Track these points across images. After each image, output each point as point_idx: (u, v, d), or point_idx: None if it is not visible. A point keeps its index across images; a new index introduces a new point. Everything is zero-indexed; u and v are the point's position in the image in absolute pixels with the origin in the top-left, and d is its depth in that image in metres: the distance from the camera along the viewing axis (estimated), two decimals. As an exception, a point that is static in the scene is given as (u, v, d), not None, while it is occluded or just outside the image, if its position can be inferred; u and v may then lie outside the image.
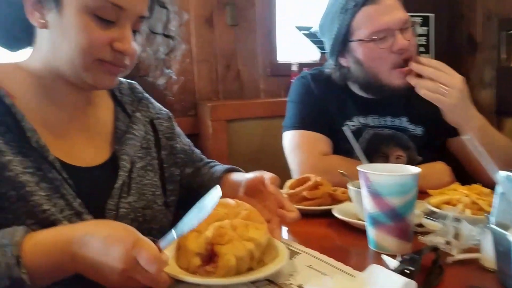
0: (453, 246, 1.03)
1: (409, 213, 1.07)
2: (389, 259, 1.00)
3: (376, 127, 1.81)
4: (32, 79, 1.11)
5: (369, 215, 1.11)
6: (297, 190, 1.43)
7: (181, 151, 1.41)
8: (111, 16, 1.04)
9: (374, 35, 1.66)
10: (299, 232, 1.25)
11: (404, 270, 0.90)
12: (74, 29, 1.03)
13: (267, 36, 3.12)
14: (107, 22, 1.04)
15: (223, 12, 2.96)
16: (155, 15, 1.24)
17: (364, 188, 1.11)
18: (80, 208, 1.06)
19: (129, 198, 1.17)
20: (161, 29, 1.27)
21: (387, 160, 1.78)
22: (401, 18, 1.66)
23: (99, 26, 1.04)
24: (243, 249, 0.92)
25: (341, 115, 1.82)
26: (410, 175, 1.07)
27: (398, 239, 1.08)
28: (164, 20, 1.26)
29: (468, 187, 1.34)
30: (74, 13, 1.02)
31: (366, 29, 1.67)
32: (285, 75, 3.14)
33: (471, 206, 1.25)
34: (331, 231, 1.27)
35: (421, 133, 1.82)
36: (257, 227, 0.97)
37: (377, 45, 1.66)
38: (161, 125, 1.37)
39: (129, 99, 1.32)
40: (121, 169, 1.17)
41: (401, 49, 1.64)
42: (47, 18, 1.05)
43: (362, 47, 1.70)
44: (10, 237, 0.86)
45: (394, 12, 1.66)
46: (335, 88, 1.86)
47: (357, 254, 1.14)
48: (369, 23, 1.66)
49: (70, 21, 1.03)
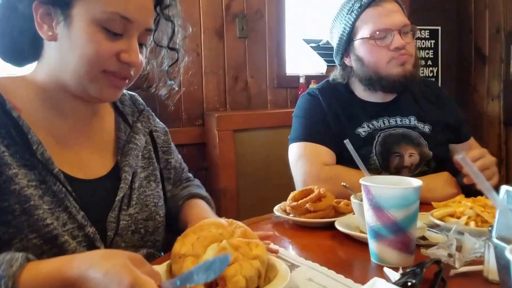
0: (456, 259, 1.02)
1: (411, 226, 1.06)
2: (391, 272, 1.00)
3: (387, 128, 1.86)
4: (37, 91, 1.12)
5: (370, 228, 1.09)
6: (300, 202, 1.42)
7: (173, 168, 1.43)
8: (119, 28, 1.06)
9: (375, 34, 1.80)
10: (302, 244, 1.25)
11: (406, 283, 0.88)
12: (82, 40, 1.04)
13: (275, 48, 3.15)
14: (114, 34, 1.06)
15: (233, 24, 2.99)
16: (160, 28, 1.25)
17: (366, 201, 1.10)
18: (83, 221, 1.06)
19: (130, 210, 1.17)
20: (166, 42, 1.28)
21: (401, 159, 1.82)
22: (400, 21, 1.80)
23: (107, 38, 1.06)
24: (251, 268, 0.89)
25: (351, 123, 1.88)
26: (412, 188, 1.05)
27: (400, 252, 1.06)
28: (170, 33, 1.27)
29: (472, 199, 1.32)
30: (82, 25, 1.04)
31: (367, 29, 1.82)
32: (293, 87, 3.16)
33: (476, 218, 1.23)
34: (334, 244, 1.26)
35: (428, 130, 1.89)
36: (257, 244, 0.95)
37: (377, 43, 1.80)
38: (159, 138, 1.39)
39: (130, 110, 1.34)
40: (123, 181, 1.18)
41: (398, 48, 1.78)
42: (55, 31, 1.07)
43: (363, 45, 1.85)
44: (7, 267, 0.83)
45: (394, 15, 1.81)
46: (343, 96, 1.95)
47: (359, 267, 1.12)
48: (371, 23, 1.81)
49: (78, 32, 1.04)
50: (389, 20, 1.79)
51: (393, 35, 1.78)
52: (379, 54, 1.81)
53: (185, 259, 0.88)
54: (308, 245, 1.23)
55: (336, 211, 1.43)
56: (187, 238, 0.92)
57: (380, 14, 1.81)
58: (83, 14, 1.04)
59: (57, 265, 0.86)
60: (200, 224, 0.97)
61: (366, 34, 1.82)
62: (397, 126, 1.87)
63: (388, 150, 1.82)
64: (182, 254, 0.89)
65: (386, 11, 1.81)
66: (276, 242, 1.25)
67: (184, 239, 0.92)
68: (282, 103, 3.17)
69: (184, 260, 0.88)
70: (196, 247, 0.89)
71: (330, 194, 1.46)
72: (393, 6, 1.83)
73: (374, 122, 1.87)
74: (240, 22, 2.99)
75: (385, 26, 1.79)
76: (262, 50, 3.11)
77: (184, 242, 0.91)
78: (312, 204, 1.40)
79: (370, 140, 1.83)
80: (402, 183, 1.11)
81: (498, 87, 3.39)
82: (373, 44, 1.81)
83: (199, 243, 0.90)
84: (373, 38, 1.80)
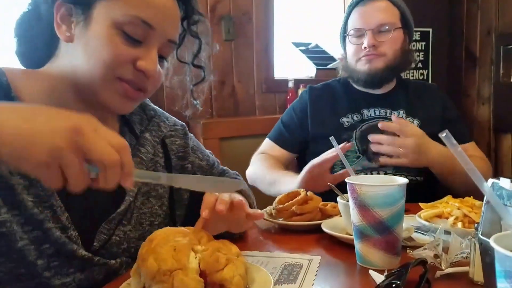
0: (442, 260, 1.00)
1: (397, 225, 1.04)
2: (376, 275, 0.98)
3: (376, 118, 1.98)
4: (45, 89, 1.06)
5: (355, 227, 1.07)
6: (286, 205, 1.39)
7: (196, 169, 1.35)
8: (139, 34, 1.02)
9: (351, 33, 2.00)
10: (288, 248, 1.21)
11: (390, 284, 0.86)
12: (99, 42, 1.00)
13: (264, 51, 3.11)
14: (134, 40, 1.02)
15: (219, 26, 2.95)
16: (185, 44, 1.21)
17: (351, 200, 1.08)
18: (67, 223, 1.00)
19: (128, 226, 1.12)
20: (190, 59, 1.23)
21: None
22: (376, 20, 1.94)
23: (125, 43, 1.01)
24: (242, 266, 0.87)
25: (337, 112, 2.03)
26: (397, 186, 1.03)
27: (386, 253, 1.04)
28: (195, 50, 1.22)
29: (460, 200, 1.31)
30: (101, 26, 1.00)
31: (349, 27, 2.02)
32: (282, 91, 3.12)
33: (463, 219, 1.22)
34: (320, 247, 1.23)
35: (417, 125, 1.96)
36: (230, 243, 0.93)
37: (350, 41, 2.01)
38: (174, 143, 1.31)
39: (138, 118, 1.26)
40: (128, 195, 1.12)
41: (366, 48, 1.94)
42: (73, 32, 1.03)
43: (347, 42, 2.04)
44: None
45: (373, 14, 1.96)
46: (336, 90, 2.13)
47: (345, 270, 1.09)
48: (352, 22, 2.01)
49: (96, 34, 1.00)
50: (364, 19, 1.96)
51: (366, 35, 1.94)
52: (353, 52, 2.01)
53: (175, 274, 0.81)
54: (294, 249, 1.20)
55: (323, 213, 1.41)
56: (160, 254, 0.83)
57: (360, 13, 1.99)
58: (103, 15, 1.00)
59: None
60: (163, 236, 0.89)
61: (348, 32, 2.02)
62: (386, 118, 1.97)
63: (367, 135, 1.85)
64: (167, 271, 0.81)
65: (366, 11, 1.97)
66: (261, 247, 1.24)
67: (157, 256, 0.83)
68: (271, 108, 3.12)
69: (172, 276, 0.80)
70: (180, 259, 0.82)
71: (316, 197, 1.44)
72: (380, 4, 1.98)
73: (365, 111, 2.00)
74: (226, 24, 2.96)
75: (358, 25, 1.97)
76: (250, 54, 3.07)
77: (160, 258, 0.83)
78: (299, 207, 1.37)
79: (353, 127, 1.97)
80: (388, 181, 1.10)
81: (488, 90, 3.36)
82: (351, 42, 2.01)
83: (180, 254, 0.83)
84: (350, 35, 2.00)
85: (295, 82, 3.08)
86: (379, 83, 2.02)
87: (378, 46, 1.94)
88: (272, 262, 1.09)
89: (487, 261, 0.82)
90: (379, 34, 1.95)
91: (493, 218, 0.82)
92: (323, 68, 3.25)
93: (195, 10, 1.18)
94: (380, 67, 1.96)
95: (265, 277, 0.92)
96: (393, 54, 1.96)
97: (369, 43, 1.92)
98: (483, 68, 3.39)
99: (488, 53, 3.33)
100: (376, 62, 1.95)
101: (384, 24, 1.94)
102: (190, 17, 1.18)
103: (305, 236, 1.32)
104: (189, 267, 0.82)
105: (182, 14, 1.15)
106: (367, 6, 1.98)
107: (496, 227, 0.81)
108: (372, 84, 2.01)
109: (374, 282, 0.95)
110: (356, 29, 1.97)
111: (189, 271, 0.81)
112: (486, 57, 3.36)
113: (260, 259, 1.12)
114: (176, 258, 0.82)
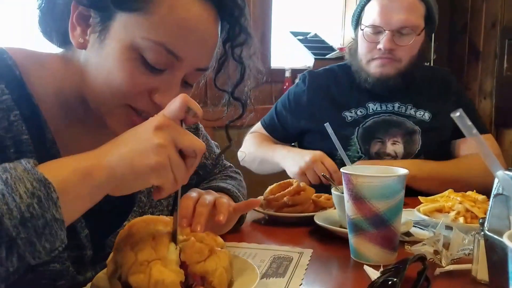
0: (442, 256, 0.95)
1: (394, 219, 0.99)
2: (372, 270, 0.93)
3: (380, 114, 1.84)
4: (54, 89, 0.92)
5: (350, 220, 1.01)
6: (277, 195, 1.33)
7: (199, 168, 1.26)
8: (162, 63, 0.84)
9: (368, 28, 1.77)
10: (279, 240, 1.17)
11: (386, 281, 0.81)
12: (113, 64, 0.84)
13: (261, 40, 3.05)
14: (153, 68, 0.84)
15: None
16: (225, 70, 1.00)
17: (346, 191, 1.02)
18: (85, 241, 0.92)
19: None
20: (229, 88, 1.02)
21: (383, 146, 1.80)
22: (399, 21, 1.71)
23: (143, 70, 0.84)
24: (226, 257, 0.81)
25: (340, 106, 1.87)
26: (395, 177, 0.98)
27: (382, 248, 0.99)
28: (237, 78, 1.00)
29: (462, 194, 1.27)
30: (117, 45, 0.83)
31: (366, 19, 1.79)
32: (278, 81, 3.06)
33: (465, 214, 1.18)
34: (312, 240, 1.18)
35: (428, 118, 1.83)
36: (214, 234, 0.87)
37: (365, 37, 1.78)
38: None
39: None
40: (137, 205, 1.03)
41: (381, 50, 1.74)
42: (87, 37, 0.86)
43: (359, 35, 1.82)
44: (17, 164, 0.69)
45: (395, 12, 1.71)
46: (340, 79, 1.94)
47: (338, 265, 1.04)
48: (370, 14, 1.77)
49: (110, 52, 0.84)
50: (385, 17, 1.72)
51: (384, 34, 1.72)
52: (366, 49, 1.80)
53: (152, 265, 0.74)
54: (285, 241, 1.15)
55: (316, 205, 1.37)
56: (138, 243, 0.78)
57: (382, 8, 1.74)
58: (121, 32, 0.83)
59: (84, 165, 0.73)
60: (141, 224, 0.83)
61: (364, 23, 1.78)
62: (393, 112, 1.84)
63: (370, 134, 1.80)
64: (144, 261, 0.75)
65: (389, 6, 1.72)
66: (249, 239, 1.19)
67: (134, 245, 0.78)
68: (267, 99, 3.06)
69: (150, 267, 0.74)
70: (159, 249, 0.76)
71: (309, 188, 1.39)
72: (401, 2, 1.72)
73: (370, 105, 1.85)
74: (222, 11, 2.90)
75: (378, 23, 1.73)
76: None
77: (137, 247, 0.77)
78: (290, 198, 1.33)
79: (356, 123, 1.82)
80: (386, 172, 1.04)
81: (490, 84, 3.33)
82: (365, 36, 1.78)
83: (159, 243, 0.77)
84: (365, 30, 1.77)
85: (292, 72, 3.03)
86: (387, 90, 1.81)
87: (395, 49, 1.74)
88: (260, 254, 1.05)
89: (494, 259, 0.77)
90: (398, 36, 1.73)
91: (501, 213, 0.76)
92: (321, 58, 3.20)
93: (244, 30, 0.96)
94: (392, 73, 1.77)
95: (251, 270, 0.86)
96: (408, 61, 1.78)
97: (385, 46, 1.72)
98: (486, 62, 3.35)
99: (492, 46, 3.29)
100: (389, 68, 1.76)
101: (406, 27, 1.72)
102: (235, 39, 0.96)
103: (296, 228, 1.28)
104: (168, 258, 0.76)
105: (224, 34, 0.96)
106: (391, 0, 1.73)
107: (504, 222, 0.75)
108: (380, 89, 1.81)
109: (369, 278, 0.91)
110: (374, 26, 1.74)
111: (168, 262, 0.76)
112: (489, 51, 3.32)
113: (247, 251, 1.07)
114: (155, 248, 0.76)
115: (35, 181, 0.66)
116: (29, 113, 0.85)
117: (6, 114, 0.81)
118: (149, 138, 0.73)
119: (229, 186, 1.22)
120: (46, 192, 0.66)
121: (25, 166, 0.67)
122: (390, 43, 1.71)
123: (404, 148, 1.78)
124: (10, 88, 0.83)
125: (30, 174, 0.66)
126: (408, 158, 1.78)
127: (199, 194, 1.00)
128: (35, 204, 0.65)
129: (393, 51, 1.74)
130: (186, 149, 0.75)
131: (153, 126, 0.73)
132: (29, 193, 0.65)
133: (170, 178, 0.74)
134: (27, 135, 0.83)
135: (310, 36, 3.41)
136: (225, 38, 0.96)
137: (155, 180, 0.73)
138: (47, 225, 0.66)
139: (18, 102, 0.83)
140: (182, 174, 0.76)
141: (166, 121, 0.74)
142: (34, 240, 0.65)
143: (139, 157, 0.72)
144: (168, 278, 0.73)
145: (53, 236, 0.67)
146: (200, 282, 0.77)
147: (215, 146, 1.39)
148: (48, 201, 0.66)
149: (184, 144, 0.74)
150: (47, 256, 0.68)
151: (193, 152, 0.75)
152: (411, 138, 1.79)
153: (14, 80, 0.86)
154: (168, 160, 0.73)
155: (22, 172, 0.66)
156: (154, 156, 0.71)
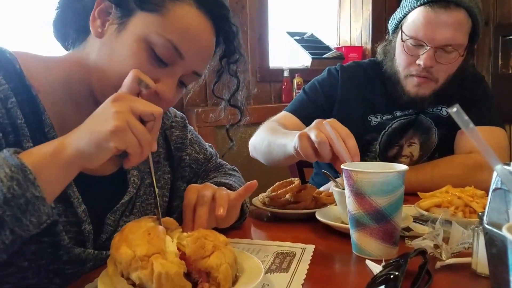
0: (442, 250, 0.96)
1: (395, 214, 1.00)
2: (373, 265, 0.95)
3: (408, 116, 1.80)
4: (59, 78, 1.03)
5: (351, 215, 1.03)
6: (279, 192, 1.35)
7: (192, 162, 1.35)
8: (167, 57, 0.98)
9: (409, 40, 1.65)
10: (281, 237, 1.17)
11: (388, 275, 0.82)
12: (125, 52, 0.97)
13: (258, 40, 3.06)
14: (160, 61, 0.98)
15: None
16: (222, 81, 1.18)
17: (347, 188, 1.03)
18: (83, 216, 0.99)
19: (131, 216, 1.11)
20: (226, 96, 1.20)
21: (400, 149, 1.80)
22: (443, 38, 1.60)
23: (150, 61, 0.98)
24: (231, 254, 0.82)
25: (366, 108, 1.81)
26: (395, 173, 0.99)
27: (383, 243, 1.00)
28: (232, 88, 1.19)
29: (461, 189, 1.27)
30: (132, 37, 0.97)
31: (409, 28, 1.66)
32: (277, 80, 3.07)
33: (464, 208, 1.19)
34: (314, 236, 1.20)
35: (446, 113, 1.79)
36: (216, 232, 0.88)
37: (405, 50, 1.66)
38: (173, 134, 1.30)
39: None
40: (131, 185, 1.11)
41: (420, 66, 1.63)
42: (106, 30, 1.00)
43: (399, 46, 1.71)
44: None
45: (441, 28, 1.59)
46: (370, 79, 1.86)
47: (340, 260, 1.06)
48: (414, 24, 1.65)
49: (125, 43, 0.98)
50: (429, 33, 1.60)
51: (426, 51, 1.61)
52: (405, 62, 1.69)
53: (154, 259, 0.75)
54: (287, 238, 1.16)
55: (317, 202, 1.37)
56: (134, 240, 0.79)
57: (427, 22, 1.61)
58: (138, 27, 0.97)
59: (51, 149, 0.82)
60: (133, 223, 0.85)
61: (405, 32, 1.67)
62: (410, 113, 1.79)
63: (390, 139, 1.78)
64: (143, 256, 0.76)
65: (435, 22, 1.59)
66: (254, 236, 1.21)
67: (130, 242, 0.79)
68: (266, 98, 3.08)
69: (151, 261, 0.75)
70: (156, 243, 0.78)
71: (311, 185, 1.41)
72: (453, 16, 1.59)
73: (398, 113, 1.79)
74: (218, 12, 2.91)
75: (420, 37, 1.62)
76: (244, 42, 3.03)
77: (134, 244, 0.78)
78: (292, 195, 1.34)
79: (381, 128, 1.78)
80: (386, 169, 1.06)
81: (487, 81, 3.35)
82: (405, 47, 1.67)
83: (155, 238, 0.79)
84: (406, 41, 1.66)
85: (290, 72, 3.04)
86: (419, 106, 1.75)
87: (434, 66, 1.63)
88: (264, 250, 1.06)
89: (494, 252, 0.78)
90: (440, 53, 1.62)
91: (500, 207, 0.77)
92: (318, 57, 3.21)
93: (237, 50, 1.15)
94: (428, 93, 1.68)
95: (255, 265, 0.88)
96: (445, 80, 1.68)
97: (426, 63, 1.61)
98: (481, 59, 3.36)
99: (486, 43, 3.30)
100: (426, 88, 1.67)
101: (450, 45, 1.61)
102: (231, 56, 1.14)
103: (298, 225, 1.29)
104: (167, 250, 0.78)
105: (221, 52, 1.13)
106: (438, 14, 1.59)
107: (503, 216, 0.77)
108: (412, 105, 1.75)
109: (371, 272, 0.92)
110: (417, 39, 1.63)
111: (168, 255, 0.77)
112: (484, 48, 3.33)
113: (250, 247, 1.09)
114: (152, 242, 0.78)
115: (13, 166, 0.76)
116: (26, 100, 0.94)
117: (4, 103, 0.90)
118: (106, 109, 0.82)
119: (231, 181, 1.29)
120: (23, 175, 0.76)
121: (5, 155, 0.78)
122: (431, 61, 1.61)
123: (420, 148, 1.78)
124: (8, 79, 0.93)
125: (8, 161, 0.77)
126: (423, 158, 1.78)
127: (197, 192, 1.05)
128: (15, 185, 0.75)
129: (432, 69, 1.64)
130: (143, 113, 0.82)
131: (109, 100, 0.83)
132: (8, 177, 0.75)
133: (134, 141, 0.81)
134: (21, 119, 0.91)
135: (307, 36, 3.42)
136: (221, 55, 1.14)
137: (117, 143, 0.79)
138: (29, 202, 0.76)
139: (16, 92, 0.92)
140: (145, 137, 0.82)
141: (121, 94, 0.86)
142: (20, 216, 0.76)
143: (98, 126, 0.80)
144: (172, 269, 0.75)
145: (37, 211, 0.77)
146: (205, 278, 0.78)
147: (209, 146, 1.47)
148: (26, 182, 0.76)
149: (140, 109, 0.82)
150: (36, 229, 0.78)
151: (151, 115, 0.83)
152: (428, 135, 1.78)
153: (13, 72, 0.95)
154: (126, 123, 0.80)
155: (1, 160, 0.77)
156: (112, 120, 0.79)
